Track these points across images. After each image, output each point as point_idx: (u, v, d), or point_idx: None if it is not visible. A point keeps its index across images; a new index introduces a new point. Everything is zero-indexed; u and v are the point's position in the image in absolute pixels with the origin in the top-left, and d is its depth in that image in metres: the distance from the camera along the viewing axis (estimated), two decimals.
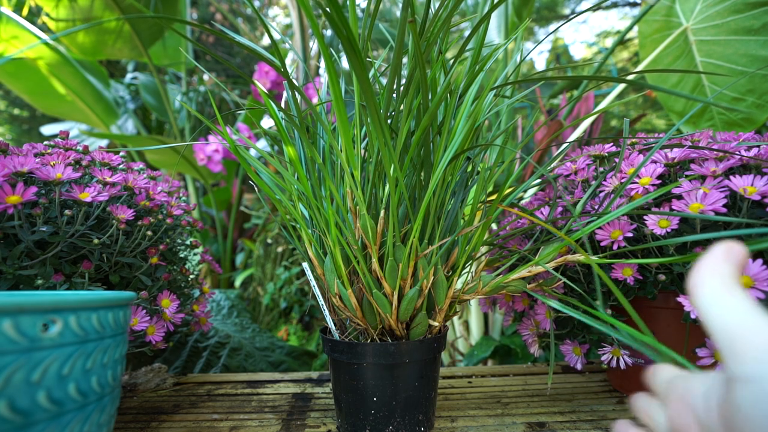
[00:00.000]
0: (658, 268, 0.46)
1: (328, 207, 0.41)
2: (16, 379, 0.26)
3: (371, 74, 0.52)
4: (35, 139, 3.56)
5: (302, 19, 1.76)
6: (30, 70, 1.64)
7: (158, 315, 0.52)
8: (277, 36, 2.90)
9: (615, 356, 0.48)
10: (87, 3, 1.47)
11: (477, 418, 0.50)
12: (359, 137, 0.45)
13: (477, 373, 0.67)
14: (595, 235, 0.47)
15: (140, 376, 0.63)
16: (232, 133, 1.43)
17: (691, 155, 0.46)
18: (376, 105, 0.34)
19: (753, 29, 0.90)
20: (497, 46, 0.45)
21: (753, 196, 0.40)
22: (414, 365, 0.44)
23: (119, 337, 0.34)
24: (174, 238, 0.61)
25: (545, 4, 4.21)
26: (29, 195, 0.43)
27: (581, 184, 0.54)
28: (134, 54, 1.74)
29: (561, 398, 0.55)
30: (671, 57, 1.06)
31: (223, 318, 1.01)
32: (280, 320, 1.45)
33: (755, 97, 0.94)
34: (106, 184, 0.50)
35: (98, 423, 0.31)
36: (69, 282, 0.47)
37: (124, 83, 2.43)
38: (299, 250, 0.50)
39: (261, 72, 1.69)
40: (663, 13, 1.07)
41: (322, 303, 0.48)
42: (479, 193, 0.45)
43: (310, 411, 0.53)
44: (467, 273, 0.48)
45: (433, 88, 0.40)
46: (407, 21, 0.31)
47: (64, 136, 0.63)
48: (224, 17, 3.54)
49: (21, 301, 0.26)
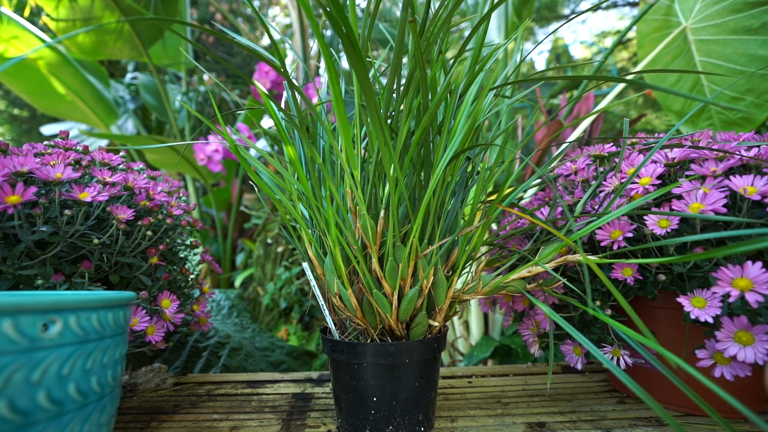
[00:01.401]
0: (658, 268, 0.46)
1: (328, 207, 0.41)
2: (16, 379, 0.26)
3: (371, 74, 0.52)
4: (35, 139, 3.56)
5: (302, 19, 1.76)
6: (30, 70, 1.64)
7: (158, 315, 0.52)
8: (277, 36, 2.90)
9: (615, 356, 0.48)
10: (87, 3, 1.47)
11: (477, 418, 0.50)
12: (359, 137, 0.45)
13: (477, 373, 0.67)
14: (595, 235, 0.47)
15: (140, 376, 0.63)
16: (232, 133, 1.43)
17: (691, 155, 0.46)
18: (376, 105, 0.34)
19: (752, 29, 0.90)
20: (497, 46, 0.45)
21: (753, 196, 0.40)
22: (414, 365, 0.44)
23: (119, 337, 0.34)
24: (174, 238, 0.61)
25: (545, 4, 4.21)
26: (29, 195, 0.43)
27: (581, 184, 0.54)
28: (134, 54, 1.74)
29: (561, 398, 0.55)
30: (670, 56, 1.06)
31: (223, 318, 1.01)
32: (280, 320, 1.45)
33: (754, 96, 0.94)
34: (106, 184, 0.50)
35: (98, 423, 0.31)
36: (69, 282, 0.47)
37: (124, 83, 2.43)
38: (299, 250, 0.50)
39: (261, 72, 1.69)
40: (662, 12, 1.07)
41: (322, 303, 0.48)
42: (479, 193, 0.45)
43: (310, 411, 0.53)
44: (467, 273, 0.48)
45: (433, 88, 0.40)
46: (407, 21, 0.31)
47: (64, 136, 0.63)
48: (224, 17, 3.54)
49: (21, 301, 0.26)
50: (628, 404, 0.53)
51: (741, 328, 0.39)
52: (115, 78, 2.78)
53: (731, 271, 0.38)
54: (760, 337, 0.38)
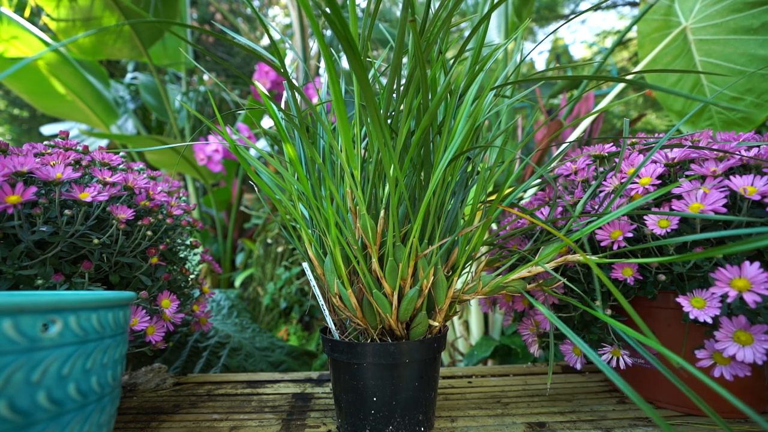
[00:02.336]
0: (658, 268, 0.46)
1: (328, 207, 0.41)
2: (16, 379, 0.26)
3: (371, 74, 0.52)
4: (35, 139, 3.56)
5: (302, 19, 1.76)
6: (30, 70, 1.64)
7: (158, 315, 0.52)
8: (277, 36, 2.90)
9: (615, 356, 0.48)
10: (87, 3, 1.47)
11: (477, 418, 0.50)
12: (359, 137, 0.45)
13: (477, 373, 0.67)
14: (595, 235, 0.47)
15: (140, 376, 0.63)
16: (232, 133, 1.43)
17: (691, 155, 0.46)
18: (376, 105, 0.34)
19: (752, 28, 0.90)
20: (497, 46, 0.45)
21: (753, 196, 0.40)
22: (414, 365, 0.44)
23: (119, 337, 0.34)
24: (174, 238, 0.61)
25: (545, 4, 4.21)
26: (29, 195, 0.43)
27: (581, 184, 0.54)
28: (134, 54, 1.74)
29: (561, 398, 0.55)
30: (670, 56, 1.06)
31: (223, 318, 1.01)
32: (280, 320, 1.45)
33: (754, 96, 0.94)
34: (106, 184, 0.50)
35: (98, 423, 0.31)
36: (69, 282, 0.47)
37: (124, 83, 2.43)
38: (299, 250, 0.50)
39: (261, 72, 1.69)
40: (662, 12, 1.07)
41: (322, 303, 0.48)
42: (479, 193, 0.45)
43: (310, 411, 0.53)
44: (467, 273, 0.48)
45: (433, 88, 0.40)
46: (407, 21, 0.31)
47: (64, 136, 0.63)
48: (224, 17, 3.54)
49: (21, 301, 0.26)
50: (628, 404, 0.53)
51: (740, 328, 0.39)
52: (115, 78, 2.78)
53: (729, 272, 0.38)
54: (759, 337, 0.38)
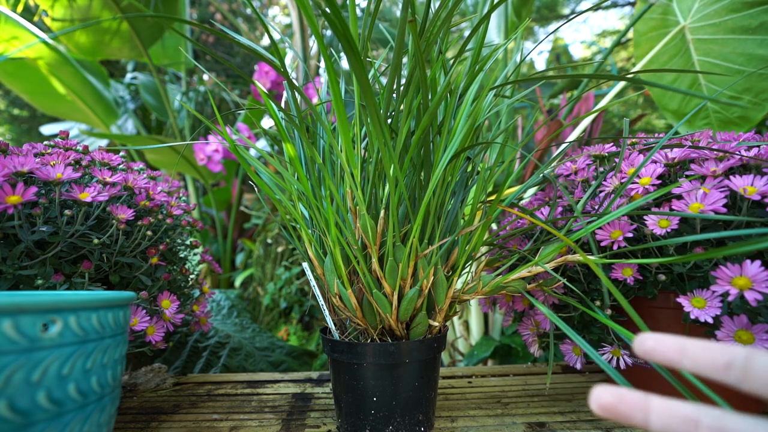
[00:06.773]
0: (658, 268, 0.46)
1: (328, 207, 0.41)
2: (16, 379, 0.26)
3: (371, 74, 0.52)
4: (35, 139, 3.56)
5: (302, 19, 1.76)
6: (30, 70, 1.64)
7: (158, 315, 0.52)
8: (277, 36, 2.89)
9: (615, 356, 0.48)
10: (85, 2, 1.47)
11: (477, 418, 0.50)
12: (359, 137, 0.45)
13: (477, 373, 0.67)
14: (595, 236, 0.47)
15: (140, 376, 0.63)
16: (231, 133, 1.43)
17: (691, 155, 0.46)
18: (376, 105, 0.34)
19: (750, 28, 0.90)
20: (497, 46, 0.45)
21: (753, 196, 0.40)
22: (414, 365, 0.44)
23: (119, 337, 0.34)
24: (174, 238, 0.61)
25: (545, 4, 4.21)
26: (29, 195, 0.43)
27: (581, 184, 0.54)
28: (134, 54, 1.74)
29: (561, 398, 0.55)
30: (668, 55, 1.06)
31: (223, 318, 1.01)
32: (280, 320, 1.45)
33: (752, 95, 0.94)
34: (106, 184, 0.50)
35: (98, 423, 0.31)
36: (69, 282, 0.47)
37: (124, 83, 2.42)
38: (299, 250, 0.50)
39: (261, 72, 1.69)
40: (660, 11, 1.07)
41: (322, 303, 0.48)
42: (479, 193, 0.45)
43: (310, 411, 0.53)
44: (467, 273, 0.48)
45: (433, 88, 0.40)
46: (407, 21, 0.31)
47: (64, 136, 0.63)
48: (224, 17, 3.54)
49: (21, 301, 0.26)
50: None
51: (741, 327, 0.39)
52: (115, 78, 2.78)
53: (730, 270, 0.38)
54: (761, 336, 0.38)
